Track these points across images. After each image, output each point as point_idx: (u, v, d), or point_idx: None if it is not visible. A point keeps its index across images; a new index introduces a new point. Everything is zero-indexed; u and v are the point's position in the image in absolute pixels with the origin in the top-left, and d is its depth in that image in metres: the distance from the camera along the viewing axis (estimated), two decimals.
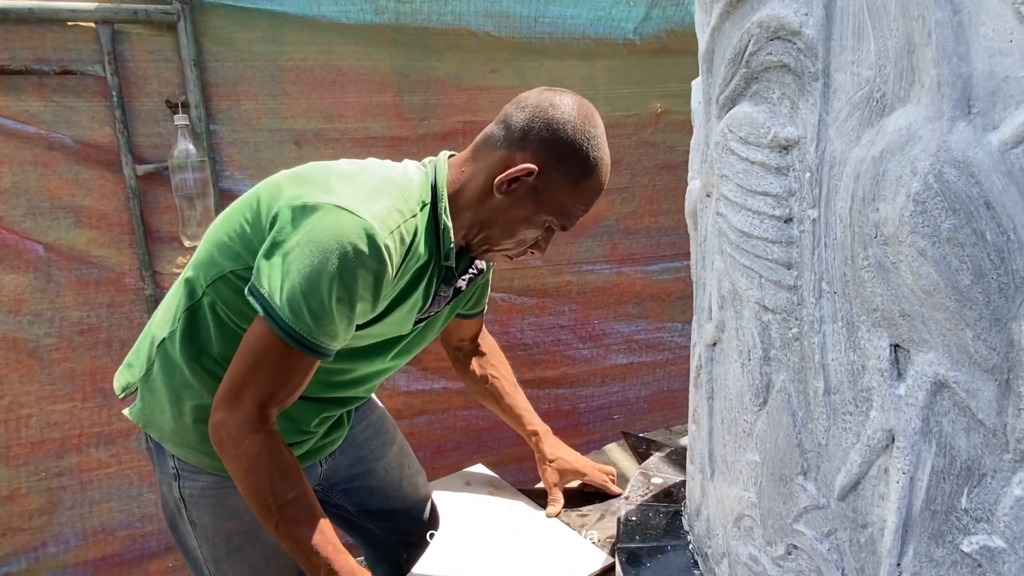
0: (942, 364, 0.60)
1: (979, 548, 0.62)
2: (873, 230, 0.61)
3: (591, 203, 1.10)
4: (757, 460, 0.79)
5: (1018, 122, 0.53)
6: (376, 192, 0.95)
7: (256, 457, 0.95)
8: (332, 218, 0.90)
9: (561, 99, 1.05)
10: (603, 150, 1.07)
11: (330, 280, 0.89)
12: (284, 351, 0.93)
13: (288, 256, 0.91)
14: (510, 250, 1.10)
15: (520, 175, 1.00)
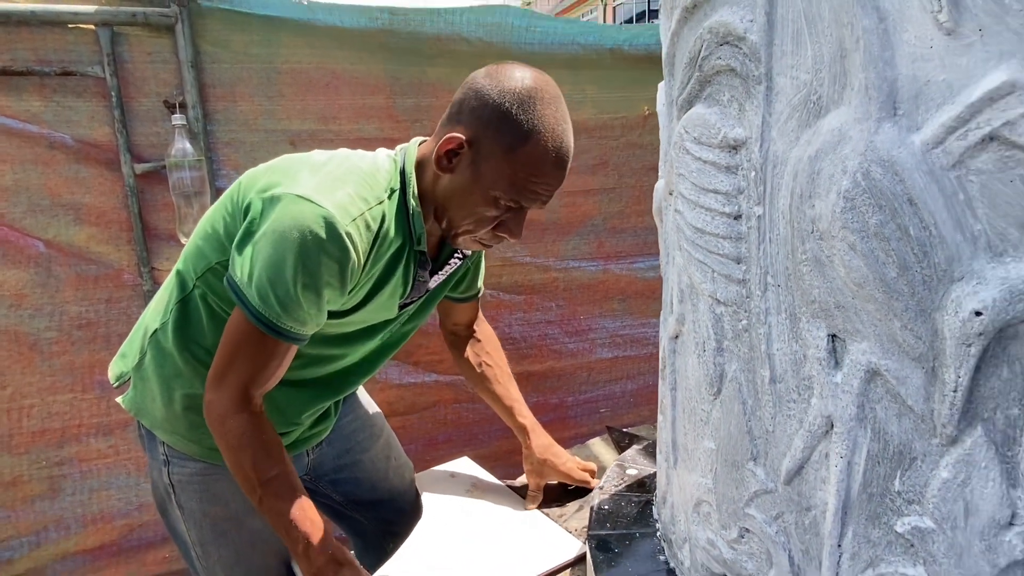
0: (874, 353, 0.63)
1: (911, 529, 0.65)
2: (810, 225, 0.64)
3: (548, 174, 1.03)
4: (713, 447, 0.82)
5: (938, 124, 0.56)
6: (339, 181, 0.98)
7: (240, 435, 1.00)
8: (294, 208, 0.93)
9: (499, 69, 1.03)
10: (546, 118, 1.00)
11: (293, 268, 0.92)
12: (258, 337, 0.97)
13: (256, 245, 0.95)
14: (474, 232, 1.07)
15: (452, 147, 1.00)
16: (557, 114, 1.02)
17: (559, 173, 1.05)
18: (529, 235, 2.16)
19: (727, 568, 0.82)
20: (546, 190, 1.05)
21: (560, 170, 1.05)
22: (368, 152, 1.12)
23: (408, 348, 2.07)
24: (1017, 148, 0.54)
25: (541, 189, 1.04)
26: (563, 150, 1.03)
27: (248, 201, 1.00)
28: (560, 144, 1.02)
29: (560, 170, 1.05)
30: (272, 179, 1.00)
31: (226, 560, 1.15)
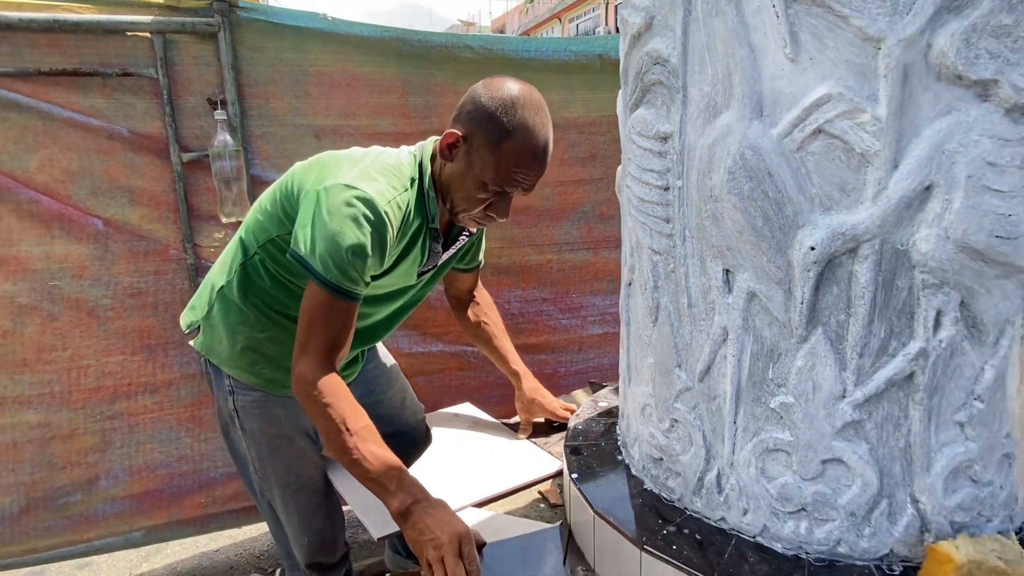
0: (752, 280, 0.91)
1: (780, 404, 0.93)
2: (708, 192, 0.92)
3: (527, 166, 1.24)
4: (652, 361, 1.10)
5: (787, 121, 0.84)
6: (375, 172, 1.24)
7: (331, 395, 1.19)
8: (344, 194, 1.19)
9: (492, 81, 1.27)
10: (526, 120, 1.21)
11: (348, 240, 1.17)
12: (328, 300, 1.20)
13: (315, 225, 1.20)
14: (469, 211, 1.30)
15: (451, 141, 1.25)
16: (537, 118, 1.24)
17: (538, 166, 1.27)
18: (526, 220, 2.45)
19: (663, 452, 1.10)
20: (526, 179, 1.27)
21: (538, 163, 1.27)
22: (394, 149, 1.39)
23: (417, 320, 2.37)
24: (834, 137, 0.82)
25: (521, 178, 1.26)
26: (541, 147, 1.25)
27: (304, 191, 1.26)
28: (538, 142, 1.24)
29: (538, 163, 1.27)
30: (322, 172, 1.27)
31: (279, 471, 1.42)
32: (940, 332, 0.84)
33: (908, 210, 0.81)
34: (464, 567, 1.06)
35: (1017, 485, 0.94)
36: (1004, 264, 0.81)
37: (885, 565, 0.93)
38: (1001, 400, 0.88)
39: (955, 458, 0.89)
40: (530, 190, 1.32)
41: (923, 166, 0.79)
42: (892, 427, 0.89)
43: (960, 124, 0.77)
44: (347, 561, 1.60)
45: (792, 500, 0.94)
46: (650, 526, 1.04)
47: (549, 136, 1.27)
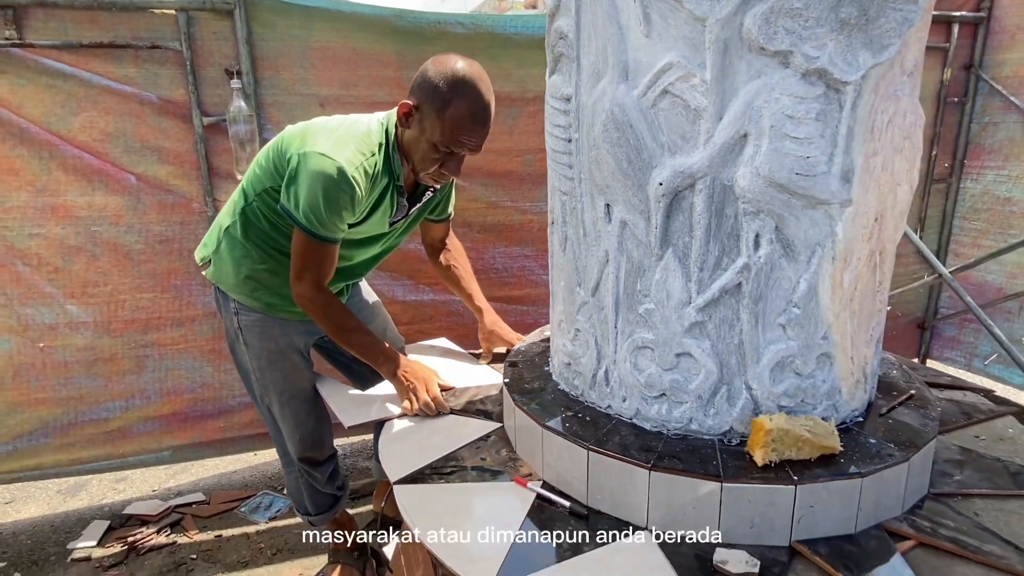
0: (623, 212, 1.16)
1: (644, 310, 1.18)
2: (593, 141, 1.16)
3: (468, 129, 1.44)
4: (563, 284, 1.35)
5: (644, 84, 1.08)
6: (347, 140, 1.49)
7: (327, 307, 1.57)
8: (319, 161, 1.45)
9: (439, 57, 1.49)
10: (466, 91, 1.42)
11: (322, 200, 1.44)
12: (312, 244, 1.51)
13: (298, 186, 1.48)
14: (428, 170, 1.54)
15: (406, 110, 1.49)
16: (475, 88, 1.45)
17: (479, 129, 1.48)
18: (510, 184, 2.70)
19: (570, 357, 1.36)
20: (470, 140, 1.49)
21: (479, 127, 1.48)
22: (367, 117, 1.63)
23: (411, 271, 2.65)
24: (676, 96, 1.05)
25: (465, 139, 1.48)
26: (479, 114, 1.46)
27: (289, 154, 1.53)
28: (476, 110, 1.45)
29: (479, 127, 1.48)
30: (305, 138, 1.53)
31: (276, 380, 1.72)
32: (759, 250, 1.08)
33: (730, 153, 1.04)
34: (430, 395, 1.54)
35: (839, 380, 1.18)
36: (805, 196, 1.04)
37: (726, 439, 1.18)
38: (815, 308, 1.11)
39: (779, 353, 1.13)
40: (477, 150, 1.54)
41: (739, 118, 1.02)
42: (728, 327, 1.13)
43: (766, 85, 1.00)
44: (334, 460, 1.90)
45: (655, 387, 1.19)
46: (554, 413, 1.30)
47: (487, 103, 1.48)
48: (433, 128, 1.48)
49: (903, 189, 1.14)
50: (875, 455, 1.11)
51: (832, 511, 1.06)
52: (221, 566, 2.25)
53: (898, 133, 1.08)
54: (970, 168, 3.44)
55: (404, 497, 1.24)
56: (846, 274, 1.10)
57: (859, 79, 1.00)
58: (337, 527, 1.98)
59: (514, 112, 2.62)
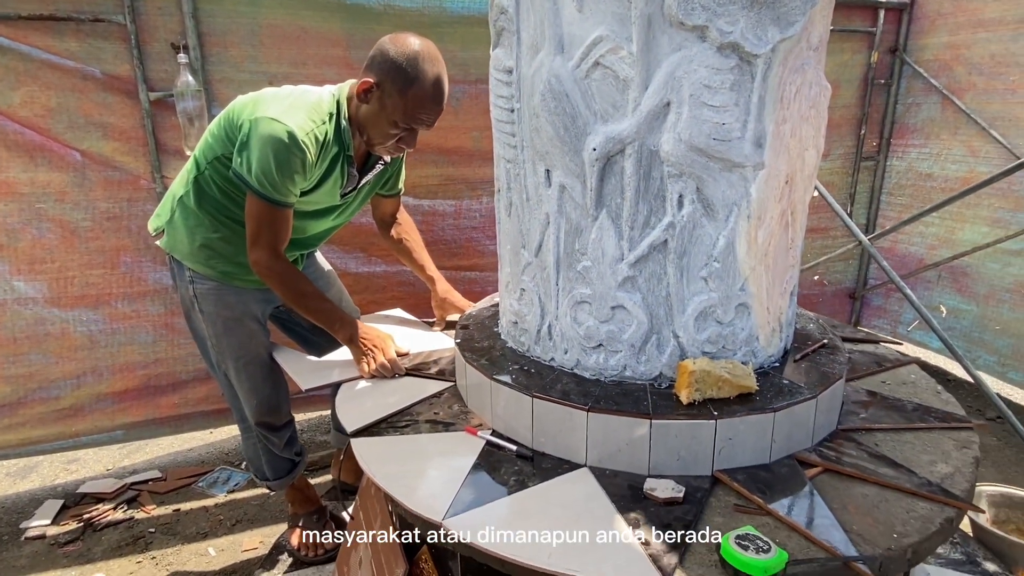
0: (561, 176, 1.25)
1: (582, 267, 1.28)
2: (533, 110, 1.25)
3: (428, 108, 1.53)
4: (509, 247, 1.44)
5: (577, 56, 1.17)
6: (297, 107, 1.54)
7: (283, 273, 1.62)
8: (270, 125, 1.49)
9: (397, 36, 1.55)
10: (426, 71, 1.49)
11: (274, 163, 1.49)
12: (266, 208, 1.55)
13: (250, 150, 1.51)
14: (385, 144, 1.61)
15: (367, 87, 1.55)
16: (434, 68, 1.53)
17: (436, 107, 1.57)
18: (460, 160, 2.76)
19: (517, 316, 1.45)
20: (428, 118, 1.58)
21: (437, 105, 1.57)
22: (318, 88, 1.68)
23: (363, 244, 2.70)
24: (607, 68, 1.14)
25: (424, 117, 1.57)
26: (439, 93, 1.55)
27: (240, 121, 1.57)
28: (435, 89, 1.53)
29: (437, 105, 1.57)
30: (256, 106, 1.56)
31: (232, 346, 1.76)
32: (683, 210, 1.19)
33: (656, 120, 1.14)
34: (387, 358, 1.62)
35: (756, 328, 1.31)
36: (722, 160, 1.15)
37: (657, 383, 1.29)
38: (733, 262, 1.23)
39: (702, 304, 1.25)
40: (431, 126, 1.62)
41: (662, 88, 1.12)
42: (656, 281, 1.24)
43: (686, 57, 1.10)
44: (292, 427, 1.96)
45: (593, 338, 1.30)
46: (502, 367, 1.39)
47: (445, 82, 1.57)
48: (395, 106, 1.54)
49: (810, 154, 1.26)
50: (787, 393, 1.24)
51: (749, 443, 1.19)
52: (180, 538, 2.28)
53: (805, 103, 1.20)
54: (896, 146, 3.67)
55: (361, 448, 1.31)
56: (760, 231, 1.22)
57: (769, 52, 1.11)
58: (295, 492, 2.04)
59: (458, 92, 2.68)
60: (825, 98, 1.27)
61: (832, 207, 2.29)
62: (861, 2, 3.31)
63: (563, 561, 0.97)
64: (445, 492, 1.15)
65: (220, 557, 2.18)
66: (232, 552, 2.20)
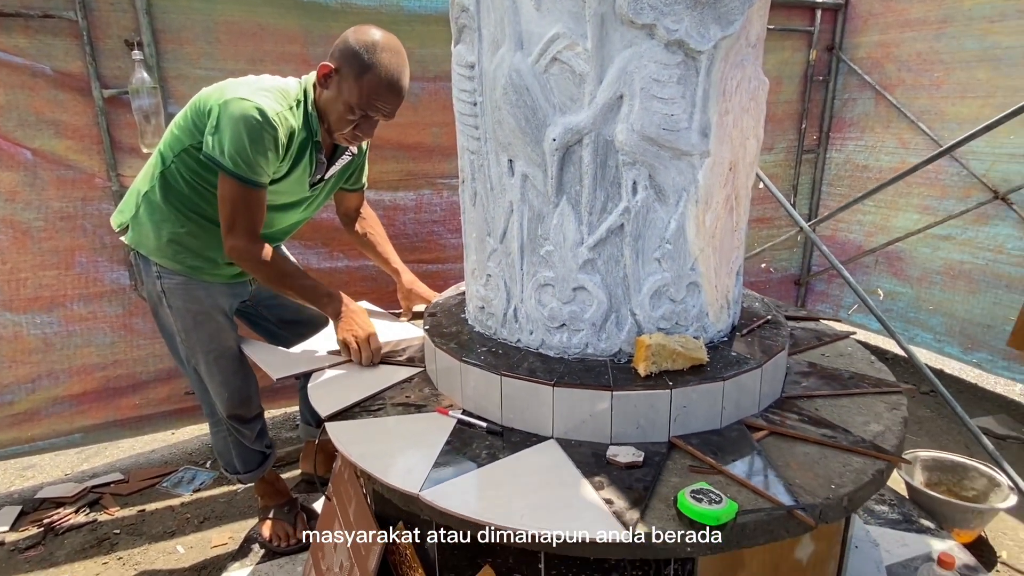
0: (524, 166, 1.32)
1: (546, 252, 1.35)
2: (495, 103, 1.32)
3: (383, 95, 1.56)
4: (475, 235, 1.51)
5: (536, 52, 1.24)
6: (265, 91, 1.58)
7: (264, 256, 1.63)
8: (241, 104, 1.52)
9: (361, 27, 1.59)
10: (382, 59, 1.53)
11: (247, 140, 1.51)
12: (241, 189, 1.56)
13: (221, 130, 1.54)
14: (343, 130, 1.63)
15: (326, 71, 1.60)
16: (392, 58, 1.57)
17: (393, 96, 1.60)
18: (420, 156, 2.81)
19: (484, 301, 1.52)
20: (384, 107, 1.60)
21: (393, 94, 1.59)
22: (284, 78, 1.71)
23: (324, 239, 2.72)
24: (564, 63, 1.22)
25: (380, 105, 1.59)
26: (394, 82, 1.58)
27: (208, 106, 1.59)
28: (392, 76, 1.57)
29: (393, 94, 1.59)
30: (223, 92, 1.59)
31: (202, 340, 1.77)
32: (637, 195, 1.28)
33: (610, 112, 1.23)
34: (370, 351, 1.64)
35: (706, 305, 1.41)
36: (672, 148, 1.24)
37: (616, 359, 1.38)
38: (684, 244, 1.32)
39: (656, 283, 1.34)
40: (390, 116, 1.66)
41: (616, 82, 1.20)
42: (614, 263, 1.33)
43: (637, 53, 1.19)
44: (262, 419, 1.98)
45: (557, 319, 1.38)
46: (471, 350, 1.46)
47: (403, 74, 1.60)
48: (351, 90, 1.59)
49: (751, 143, 1.37)
50: (735, 364, 1.34)
51: (701, 410, 1.28)
52: (147, 538, 2.27)
53: (745, 95, 1.31)
54: (834, 140, 3.88)
55: (335, 431, 1.36)
56: (707, 215, 1.32)
57: (711, 49, 1.20)
58: (266, 485, 2.06)
59: (417, 89, 2.73)
60: (763, 91, 1.38)
61: (776, 197, 2.43)
62: (799, 2, 3.49)
63: (533, 521, 1.05)
64: (420, 467, 1.21)
65: (189, 554, 2.18)
66: (201, 549, 2.21)
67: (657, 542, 1.01)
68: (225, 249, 1.62)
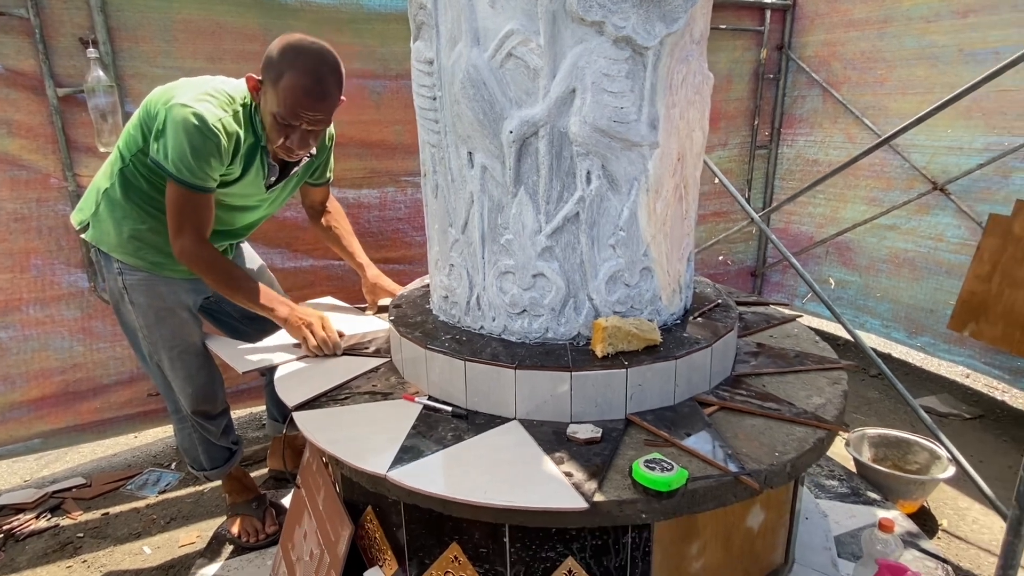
0: (483, 157, 1.37)
1: (506, 240, 1.40)
2: (454, 97, 1.36)
3: (302, 103, 1.52)
4: (437, 226, 1.55)
5: (492, 47, 1.29)
6: (209, 96, 1.57)
7: (210, 259, 1.63)
8: (182, 111, 1.52)
9: (285, 35, 1.56)
10: (298, 66, 1.49)
11: (188, 146, 1.52)
12: (186, 193, 1.58)
13: (165, 137, 1.54)
14: (276, 142, 1.62)
15: (253, 84, 1.60)
16: (310, 63, 1.52)
17: (315, 103, 1.55)
18: (383, 154, 2.83)
19: (447, 291, 1.56)
20: (308, 115, 1.56)
21: (312, 101, 1.54)
22: (235, 79, 1.71)
23: (288, 239, 2.73)
24: (519, 59, 1.27)
25: (300, 113, 1.55)
26: (312, 88, 1.53)
27: (156, 110, 1.60)
28: (308, 83, 1.52)
29: (312, 101, 1.54)
30: (169, 95, 1.59)
31: (165, 336, 1.77)
32: (591, 185, 1.34)
33: (564, 105, 1.29)
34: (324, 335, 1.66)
35: (659, 289, 1.48)
36: (622, 140, 1.31)
37: (575, 342, 1.44)
38: (636, 230, 1.39)
39: (611, 269, 1.40)
40: (320, 125, 1.62)
41: (568, 76, 1.26)
42: (571, 250, 1.38)
43: (587, 49, 1.25)
44: (228, 415, 1.99)
45: (518, 305, 1.43)
46: (436, 337, 1.50)
47: (323, 78, 1.55)
48: (272, 100, 1.58)
49: (697, 134, 1.44)
50: (687, 344, 1.41)
51: (656, 388, 1.35)
52: (112, 540, 2.25)
53: (691, 89, 1.38)
54: (785, 135, 4.03)
55: (303, 420, 1.39)
56: (658, 203, 1.38)
57: (657, 45, 1.27)
58: (233, 482, 2.07)
59: (379, 87, 2.76)
60: (708, 86, 1.46)
61: (728, 190, 2.53)
62: (749, 3, 3.62)
63: (497, 495, 1.10)
64: (387, 449, 1.24)
65: (156, 554, 2.17)
66: (169, 549, 2.20)
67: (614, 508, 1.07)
68: (174, 252, 1.62)
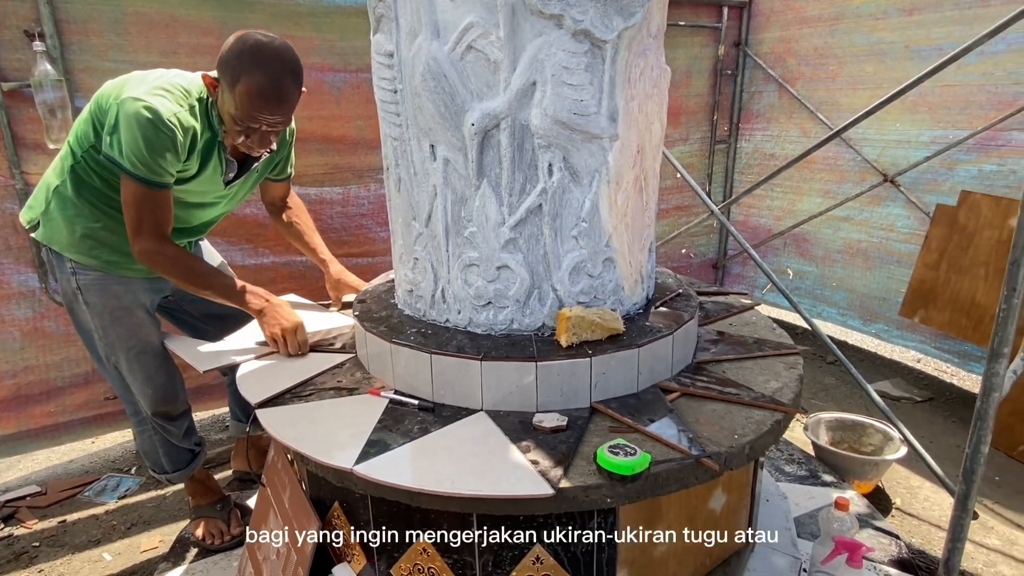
0: (445, 150, 1.37)
1: (469, 233, 1.41)
2: (415, 90, 1.36)
3: (259, 106, 1.49)
4: (400, 220, 1.55)
5: (452, 40, 1.29)
6: (164, 90, 1.53)
7: (174, 257, 1.59)
8: (135, 105, 1.48)
9: (243, 32, 1.52)
10: (255, 70, 1.46)
11: (142, 141, 1.47)
12: (142, 190, 1.53)
13: (118, 132, 1.50)
14: (236, 141, 1.60)
15: (210, 83, 1.57)
16: (267, 66, 1.48)
17: (270, 105, 1.51)
18: (345, 149, 2.81)
19: (412, 284, 1.56)
20: (265, 118, 1.53)
21: (269, 103, 1.50)
22: (192, 73, 1.66)
23: (249, 236, 2.68)
24: (479, 51, 1.28)
25: (257, 115, 1.52)
26: (270, 91, 1.49)
27: (108, 104, 1.55)
28: (265, 87, 1.48)
29: (269, 103, 1.50)
30: (122, 88, 1.55)
31: (122, 337, 1.73)
32: (553, 177, 1.35)
33: (525, 98, 1.30)
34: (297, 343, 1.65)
35: (622, 280, 1.50)
36: (583, 132, 1.33)
37: (540, 332, 1.45)
38: (598, 222, 1.41)
39: (574, 260, 1.42)
40: (279, 126, 1.60)
41: (528, 69, 1.27)
42: (535, 241, 1.40)
43: (547, 42, 1.26)
44: (189, 416, 1.95)
45: (483, 297, 1.44)
46: (401, 331, 1.50)
47: (280, 81, 1.52)
48: (229, 102, 1.55)
49: (655, 127, 1.47)
50: (649, 333, 1.44)
51: (619, 376, 1.38)
52: (69, 548, 2.19)
53: (649, 83, 1.40)
54: (743, 130, 4.11)
55: (266, 417, 1.37)
56: (619, 195, 1.41)
57: (615, 39, 1.29)
58: (196, 484, 2.03)
59: (339, 82, 2.73)
60: (665, 79, 1.49)
61: (690, 184, 2.57)
62: (706, 1, 3.68)
63: (465, 485, 1.10)
64: (353, 444, 1.24)
65: (117, 561, 2.12)
66: (130, 555, 2.15)
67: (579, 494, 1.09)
68: (134, 253, 1.58)
